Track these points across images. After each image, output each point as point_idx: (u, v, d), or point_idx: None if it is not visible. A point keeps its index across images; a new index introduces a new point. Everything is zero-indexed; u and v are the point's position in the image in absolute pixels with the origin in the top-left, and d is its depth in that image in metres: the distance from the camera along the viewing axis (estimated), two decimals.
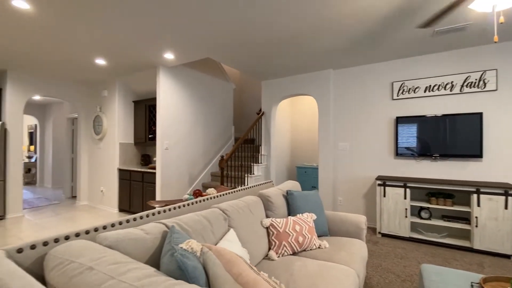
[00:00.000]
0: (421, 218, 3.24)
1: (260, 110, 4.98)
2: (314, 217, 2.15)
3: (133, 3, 2.26)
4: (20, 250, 0.92)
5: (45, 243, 0.99)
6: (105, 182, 4.95)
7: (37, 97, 6.58)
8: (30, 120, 8.55)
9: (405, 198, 3.24)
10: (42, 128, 7.82)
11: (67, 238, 1.05)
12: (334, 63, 3.82)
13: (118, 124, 4.76)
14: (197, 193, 2.16)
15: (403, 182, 3.27)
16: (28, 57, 3.69)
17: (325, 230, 2.26)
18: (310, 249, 1.96)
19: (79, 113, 5.35)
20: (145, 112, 4.76)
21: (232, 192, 2.16)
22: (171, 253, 0.92)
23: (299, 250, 1.93)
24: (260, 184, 2.58)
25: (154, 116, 4.69)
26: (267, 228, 1.96)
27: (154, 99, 4.56)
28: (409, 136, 3.51)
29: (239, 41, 3.04)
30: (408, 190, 3.23)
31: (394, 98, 3.68)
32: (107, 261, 0.82)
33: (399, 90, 3.65)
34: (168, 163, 4.13)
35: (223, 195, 2.05)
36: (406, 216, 3.22)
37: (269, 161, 4.64)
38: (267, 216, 2.11)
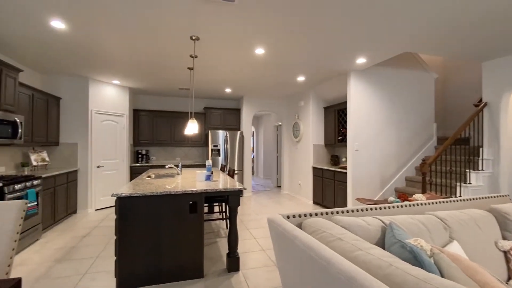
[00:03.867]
0: None
1: (480, 100, 3.86)
2: None
3: (331, 26, 2.61)
4: (288, 217, 1.43)
5: (299, 215, 1.45)
6: (301, 177, 5.93)
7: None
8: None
9: None
10: (257, 134, 10.62)
11: (310, 215, 1.47)
12: None
13: (312, 128, 5.54)
14: (403, 197, 2.11)
15: None
16: (256, 85, 5.23)
17: None
18: None
19: (282, 121, 6.78)
20: (334, 116, 5.19)
21: (447, 202, 1.91)
22: (401, 245, 1.05)
23: None
24: (488, 197, 2.06)
25: (343, 119, 5.00)
26: (505, 252, 1.56)
27: (343, 103, 4.86)
28: None
29: (450, 24, 2.58)
30: None
31: None
32: (350, 237, 1.09)
33: None
34: (358, 164, 4.25)
35: (436, 203, 1.87)
36: None
37: (497, 168, 3.48)
38: (503, 238, 1.67)
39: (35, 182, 3.29)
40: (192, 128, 3.02)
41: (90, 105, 4.76)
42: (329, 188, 4.86)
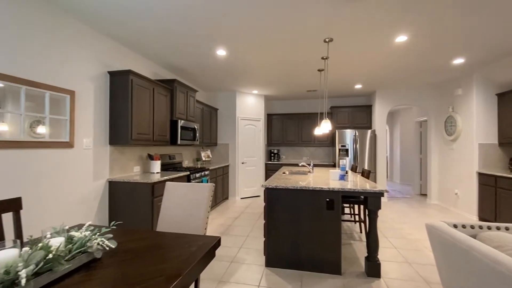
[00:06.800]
0: None
1: None
2: None
3: None
4: (455, 226, 1.23)
5: (472, 226, 1.21)
6: (459, 185, 4.71)
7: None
8: None
9: None
10: (391, 131, 9.34)
11: (489, 227, 1.20)
12: None
13: (477, 123, 4.29)
14: None
15: None
16: (392, 77, 4.65)
17: None
18: None
19: (428, 115, 5.64)
20: None
21: None
22: None
23: None
24: None
25: None
26: None
27: None
28: None
29: None
30: None
31: None
32: None
33: None
34: None
35: None
36: None
37: None
38: None
39: (206, 173, 4.41)
40: (325, 127, 3.10)
41: (237, 113, 5.83)
42: (507, 202, 3.60)
